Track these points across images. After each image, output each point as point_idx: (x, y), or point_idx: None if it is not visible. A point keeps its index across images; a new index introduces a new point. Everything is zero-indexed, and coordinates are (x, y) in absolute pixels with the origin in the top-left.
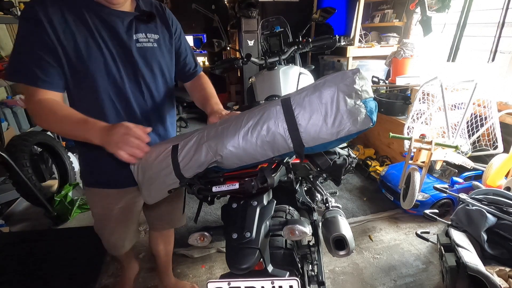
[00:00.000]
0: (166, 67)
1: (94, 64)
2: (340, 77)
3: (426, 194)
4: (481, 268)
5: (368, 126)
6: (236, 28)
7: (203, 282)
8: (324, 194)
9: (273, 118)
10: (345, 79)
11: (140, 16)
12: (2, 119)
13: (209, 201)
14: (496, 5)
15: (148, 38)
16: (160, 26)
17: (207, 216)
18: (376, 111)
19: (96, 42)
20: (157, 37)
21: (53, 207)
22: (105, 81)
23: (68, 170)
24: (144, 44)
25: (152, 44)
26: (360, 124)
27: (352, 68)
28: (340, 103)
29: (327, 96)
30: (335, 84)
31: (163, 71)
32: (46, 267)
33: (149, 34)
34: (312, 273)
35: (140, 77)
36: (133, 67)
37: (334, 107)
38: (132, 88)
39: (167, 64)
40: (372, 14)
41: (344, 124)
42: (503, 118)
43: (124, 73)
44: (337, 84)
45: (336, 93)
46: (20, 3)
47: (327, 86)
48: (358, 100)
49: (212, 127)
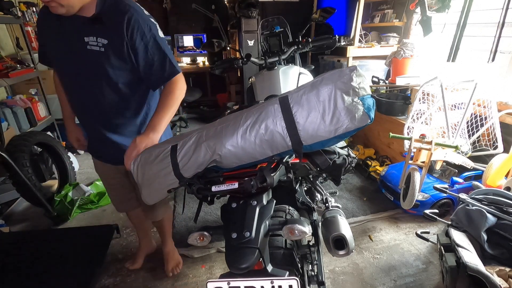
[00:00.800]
0: (113, 73)
1: (55, 59)
2: (337, 75)
3: (426, 194)
4: (481, 268)
5: (366, 123)
6: (236, 28)
7: (203, 282)
8: (324, 194)
9: (271, 117)
10: (342, 76)
11: (89, 20)
12: (2, 119)
13: (209, 201)
14: (496, 5)
15: (97, 42)
16: (111, 31)
17: (207, 216)
18: (374, 108)
19: (55, 42)
20: (105, 41)
21: (53, 207)
22: (61, 74)
23: (68, 170)
24: (93, 47)
25: (99, 48)
26: (358, 121)
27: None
28: (338, 100)
29: (324, 94)
30: (332, 82)
31: (109, 75)
32: (46, 267)
33: (99, 38)
34: (312, 273)
35: (83, 78)
36: (78, 68)
37: (332, 104)
38: (76, 87)
39: (115, 70)
40: (372, 14)
41: (342, 121)
42: (503, 118)
43: (72, 71)
44: (335, 82)
45: (333, 91)
46: (20, 3)
47: (325, 84)
48: (355, 97)
49: (211, 126)
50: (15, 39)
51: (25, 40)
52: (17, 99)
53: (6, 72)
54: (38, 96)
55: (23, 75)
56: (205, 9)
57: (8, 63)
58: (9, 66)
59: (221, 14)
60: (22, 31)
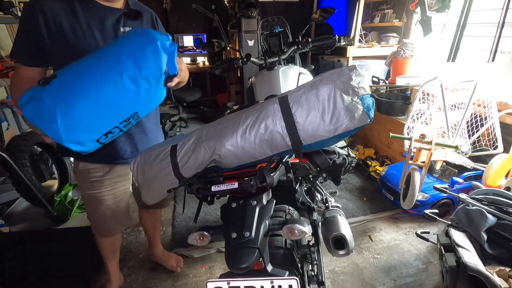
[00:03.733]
0: None
1: (79, 49)
2: (336, 74)
3: (426, 194)
4: (481, 268)
5: (366, 123)
6: (236, 28)
7: (203, 282)
8: (324, 194)
9: (270, 116)
10: (341, 76)
11: (128, 13)
12: (2, 119)
13: (209, 200)
14: (496, 5)
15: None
16: (144, 25)
17: (206, 216)
18: (374, 107)
19: (82, 31)
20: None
21: (53, 207)
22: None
23: (68, 170)
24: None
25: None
26: (358, 121)
27: (349, 66)
28: (337, 100)
29: (324, 93)
30: (331, 81)
31: None
32: (45, 267)
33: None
34: (312, 273)
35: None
36: None
37: (331, 104)
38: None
39: None
40: (372, 14)
41: (341, 120)
42: (503, 118)
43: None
44: (334, 81)
45: (333, 90)
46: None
47: (324, 84)
48: (355, 97)
49: (211, 126)
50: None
51: None
52: None
53: (6, 72)
54: None
55: None
56: (205, 9)
57: (8, 63)
58: (9, 66)
59: (221, 14)
60: None
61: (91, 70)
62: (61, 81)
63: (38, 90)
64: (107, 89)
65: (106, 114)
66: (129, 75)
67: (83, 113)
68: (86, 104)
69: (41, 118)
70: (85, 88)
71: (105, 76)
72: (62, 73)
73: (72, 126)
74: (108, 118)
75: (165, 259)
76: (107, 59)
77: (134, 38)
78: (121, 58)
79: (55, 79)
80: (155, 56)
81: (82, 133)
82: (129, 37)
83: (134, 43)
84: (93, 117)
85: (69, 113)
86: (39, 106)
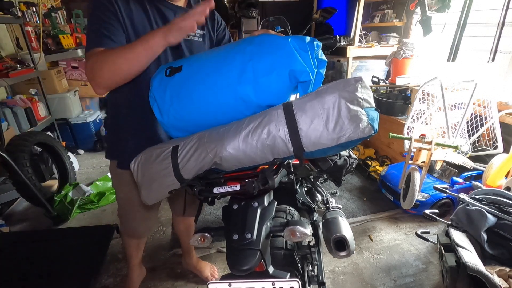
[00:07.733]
0: None
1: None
2: (342, 84)
3: (426, 194)
4: (481, 268)
5: (370, 134)
6: (236, 28)
7: (203, 282)
8: (325, 194)
9: (274, 122)
10: (347, 86)
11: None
12: (2, 119)
13: (210, 201)
14: (496, 5)
15: (195, 32)
16: (206, 23)
17: (207, 216)
18: (378, 120)
19: (151, 26)
20: (203, 32)
21: (53, 207)
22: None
23: (68, 170)
24: (191, 37)
25: (198, 39)
26: (361, 131)
27: (354, 77)
28: (342, 108)
29: (329, 102)
30: (337, 90)
31: None
32: (45, 267)
33: (198, 29)
34: (312, 273)
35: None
36: (178, 54)
37: (336, 112)
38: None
39: None
40: (372, 14)
41: (345, 129)
42: (503, 118)
43: (171, 57)
44: (340, 91)
45: (338, 99)
46: (20, 3)
47: (329, 92)
48: (359, 108)
49: (213, 129)
50: (15, 39)
51: (25, 40)
52: (17, 99)
53: (6, 72)
54: (38, 96)
55: (23, 75)
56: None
57: (8, 63)
58: (9, 66)
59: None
60: (22, 31)
61: (214, 77)
62: (183, 80)
63: (163, 80)
64: (222, 101)
65: (211, 122)
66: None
67: (192, 117)
68: (197, 108)
69: (155, 103)
70: (203, 96)
71: (227, 92)
72: (188, 67)
73: (175, 126)
74: (210, 125)
75: (200, 268)
76: (232, 70)
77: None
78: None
79: (179, 72)
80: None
81: (176, 131)
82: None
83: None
84: (198, 121)
85: (178, 115)
86: (160, 97)
